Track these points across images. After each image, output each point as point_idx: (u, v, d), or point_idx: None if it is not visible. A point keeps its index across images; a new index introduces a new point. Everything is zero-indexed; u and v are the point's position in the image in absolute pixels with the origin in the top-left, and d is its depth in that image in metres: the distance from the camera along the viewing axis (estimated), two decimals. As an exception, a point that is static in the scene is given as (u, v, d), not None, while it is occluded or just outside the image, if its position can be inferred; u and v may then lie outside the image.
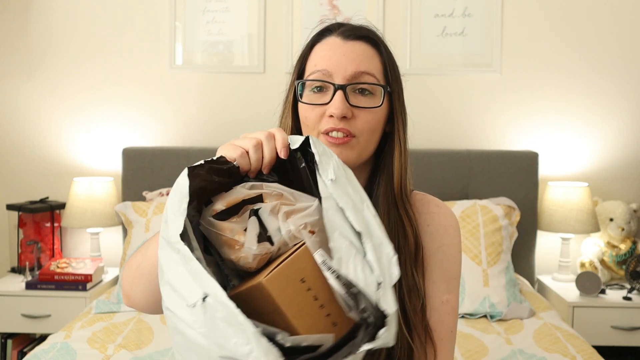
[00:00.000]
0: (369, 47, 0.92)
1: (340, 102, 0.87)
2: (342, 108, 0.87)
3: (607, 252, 2.50)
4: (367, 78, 0.90)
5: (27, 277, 2.35)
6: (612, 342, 2.22)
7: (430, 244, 0.95)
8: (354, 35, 0.92)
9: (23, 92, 2.64)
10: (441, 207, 0.99)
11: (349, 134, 0.89)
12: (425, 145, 2.59)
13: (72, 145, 2.65)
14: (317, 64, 0.91)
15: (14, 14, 2.62)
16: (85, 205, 2.42)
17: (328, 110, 0.89)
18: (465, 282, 2.03)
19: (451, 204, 2.23)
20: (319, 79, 0.90)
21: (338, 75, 0.89)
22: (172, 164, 2.47)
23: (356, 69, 0.89)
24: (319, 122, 0.90)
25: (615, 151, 2.60)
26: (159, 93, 2.63)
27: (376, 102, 0.91)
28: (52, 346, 1.68)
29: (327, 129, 0.89)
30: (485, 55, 2.58)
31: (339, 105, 0.87)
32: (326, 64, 0.90)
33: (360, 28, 0.94)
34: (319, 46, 0.93)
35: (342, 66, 0.89)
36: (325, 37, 0.93)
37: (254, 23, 2.59)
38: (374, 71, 0.91)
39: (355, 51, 0.90)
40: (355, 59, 0.90)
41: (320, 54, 0.92)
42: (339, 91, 0.88)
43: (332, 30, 0.93)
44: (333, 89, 0.89)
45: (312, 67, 0.91)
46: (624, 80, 2.58)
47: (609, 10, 2.56)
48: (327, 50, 0.91)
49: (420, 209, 0.97)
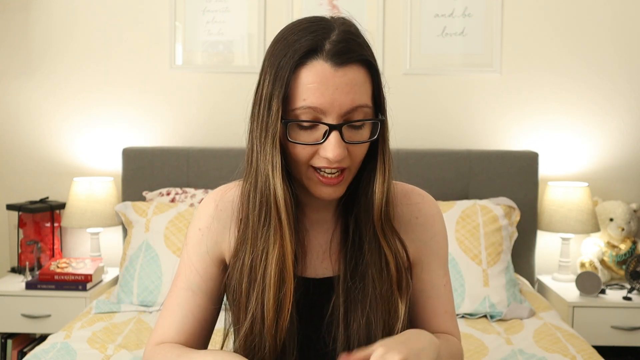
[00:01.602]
0: (361, 71, 0.83)
1: (337, 146, 0.80)
2: (339, 152, 0.80)
3: (607, 252, 2.50)
4: (362, 112, 0.82)
5: (27, 277, 2.35)
6: (612, 342, 2.22)
7: (423, 236, 0.98)
8: (346, 60, 0.81)
9: (23, 92, 2.65)
10: (424, 196, 1.01)
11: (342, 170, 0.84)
12: (425, 145, 2.59)
13: (72, 145, 2.65)
14: (307, 99, 0.80)
15: (14, 13, 2.62)
16: (85, 205, 2.42)
17: (323, 152, 0.81)
18: (465, 282, 2.03)
19: (451, 204, 2.23)
20: (311, 120, 0.81)
21: (332, 113, 0.80)
22: (172, 164, 2.47)
23: (351, 105, 0.81)
24: (310, 159, 0.84)
25: (615, 151, 2.60)
26: (159, 93, 2.63)
27: (368, 133, 0.85)
28: (52, 346, 1.67)
29: (321, 167, 0.83)
30: (485, 55, 2.58)
31: (336, 150, 0.80)
32: (318, 101, 0.80)
33: (350, 47, 0.82)
34: (306, 73, 0.80)
35: (336, 103, 0.80)
36: (310, 60, 0.80)
37: (254, 23, 2.59)
38: (367, 101, 0.83)
39: (349, 82, 0.80)
40: (349, 92, 0.80)
41: (308, 86, 0.80)
42: (335, 132, 0.80)
43: (319, 51, 0.80)
44: (327, 128, 0.81)
45: (300, 101, 0.80)
46: (623, 80, 2.58)
47: (609, 10, 2.56)
48: (317, 82, 0.79)
49: (403, 201, 0.97)
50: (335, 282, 0.92)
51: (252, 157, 0.87)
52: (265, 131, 0.83)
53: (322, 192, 0.86)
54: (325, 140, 0.81)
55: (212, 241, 0.96)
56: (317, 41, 0.81)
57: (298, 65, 0.81)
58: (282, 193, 0.84)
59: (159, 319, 0.97)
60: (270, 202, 0.85)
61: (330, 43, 0.81)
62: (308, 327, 0.92)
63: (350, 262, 0.91)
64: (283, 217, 0.85)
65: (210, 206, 0.97)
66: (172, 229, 2.15)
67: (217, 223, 0.96)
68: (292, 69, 0.81)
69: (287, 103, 0.82)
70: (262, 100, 0.84)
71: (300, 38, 0.82)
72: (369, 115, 0.84)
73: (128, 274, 2.12)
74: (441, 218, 1.01)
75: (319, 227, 0.96)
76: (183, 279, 0.96)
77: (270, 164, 0.83)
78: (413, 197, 0.99)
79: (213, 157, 2.44)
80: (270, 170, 0.84)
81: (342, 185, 0.86)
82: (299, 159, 0.84)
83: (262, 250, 0.87)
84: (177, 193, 2.38)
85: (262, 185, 0.86)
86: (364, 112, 0.83)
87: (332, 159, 0.81)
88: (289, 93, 0.81)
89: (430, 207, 1.00)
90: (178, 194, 2.37)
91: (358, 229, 0.91)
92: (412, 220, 0.97)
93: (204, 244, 0.96)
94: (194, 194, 2.36)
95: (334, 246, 0.95)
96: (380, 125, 0.86)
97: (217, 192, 0.99)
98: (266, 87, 0.84)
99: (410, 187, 1.01)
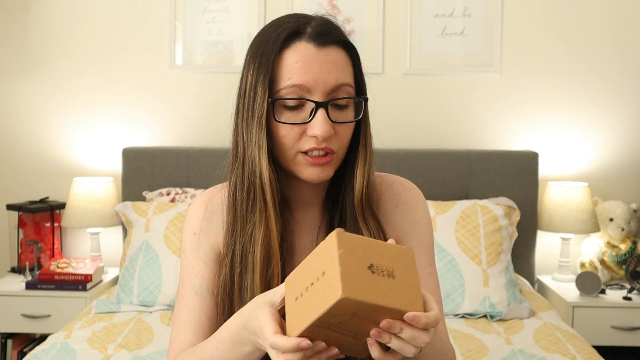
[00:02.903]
0: (342, 52, 0.86)
1: (324, 123, 0.82)
2: (327, 129, 0.82)
3: (607, 252, 2.50)
4: (346, 90, 0.85)
5: (27, 277, 2.36)
6: (612, 342, 2.22)
7: (403, 223, 0.97)
8: (327, 40, 0.84)
9: (23, 92, 2.65)
10: (405, 184, 1.00)
11: (330, 151, 0.85)
12: (425, 145, 2.59)
13: (72, 145, 2.65)
14: (292, 78, 0.82)
15: (14, 13, 2.62)
16: (85, 205, 2.42)
17: (310, 131, 0.83)
18: (465, 282, 2.03)
19: (451, 204, 2.23)
20: (297, 97, 0.83)
21: (317, 91, 0.82)
22: (172, 164, 2.47)
23: (336, 82, 0.83)
24: (298, 141, 0.85)
25: (615, 151, 2.60)
26: (159, 93, 2.63)
27: (353, 114, 0.87)
28: (52, 346, 1.67)
29: (309, 149, 0.84)
30: (485, 55, 2.58)
31: (323, 127, 0.82)
32: (303, 79, 0.82)
33: (331, 29, 0.86)
34: (290, 54, 0.83)
35: (320, 80, 0.82)
36: (294, 41, 0.84)
37: (254, 23, 2.59)
38: (350, 80, 0.86)
39: (332, 61, 0.83)
40: (333, 70, 0.83)
41: (293, 65, 0.82)
42: (321, 109, 0.82)
43: (301, 33, 0.84)
44: (314, 107, 0.83)
45: (286, 80, 0.83)
46: (623, 80, 2.58)
47: (609, 10, 2.56)
48: (301, 60, 0.82)
49: (385, 192, 0.97)
50: None
51: (238, 148, 0.89)
52: (252, 115, 0.85)
53: (311, 174, 0.86)
54: (312, 118, 0.83)
55: (207, 243, 0.96)
56: (299, 26, 0.85)
57: (282, 48, 0.84)
58: (268, 173, 0.85)
59: (172, 331, 0.96)
60: (256, 183, 0.86)
61: (311, 27, 0.85)
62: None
63: None
64: (268, 197, 0.86)
65: (200, 209, 0.98)
66: (172, 229, 2.15)
67: (209, 224, 0.96)
68: (276, 52, 0.83)
69: (272, 85, 0.84)
70: (247, 90, 0.87)
71: (281, 26, 0.85)
72: (352, 95, 0.86)
73: (128, 274, 2.12)
74: (423, 206, 0.99)
75: (305, 227, 0.96)
76: (188, 286, 0.96)
77: (257, 145, 0.85)
78: (395, 187, 0.99)
79: (213, 157, 2.44)
80: (256, 152, 0.85)
81: (330, 166, 0.87)
82: (287, 142, 0.85)
83: (250, 234, 0.88)
84: (177, 193, 2.38)
85: (248, 169, 0.87)
86: (347, 91, 0.85)
87: (320, 135, 0.82)
88: (273, 76, 0.83)
89: (411, 194, 0.99)
90: (178, 194, 2.37)
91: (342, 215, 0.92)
92: (393, 209, 0.97)
93: (201, 246, 0.96)
94: (194, 194, 2.36)
95: (320, 235, 0.95)
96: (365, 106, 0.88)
97: (205, 194, 1.00)
98: (250, 77, 0.86)
99: (394, 178, 1.00)
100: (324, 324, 0.66)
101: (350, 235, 0.69)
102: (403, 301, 0.66)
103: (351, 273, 0.65)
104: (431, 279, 0.98)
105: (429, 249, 0.99)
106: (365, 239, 0.70)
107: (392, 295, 0.66)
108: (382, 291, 0.65)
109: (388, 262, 0.68)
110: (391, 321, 0.66)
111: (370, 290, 0.65)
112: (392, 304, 0.65)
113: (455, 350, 1.68)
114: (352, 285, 0.64)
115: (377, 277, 0.66)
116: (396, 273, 0.68)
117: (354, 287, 0.64)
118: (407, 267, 0.69)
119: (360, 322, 0.67)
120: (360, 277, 0.65)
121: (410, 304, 0.66)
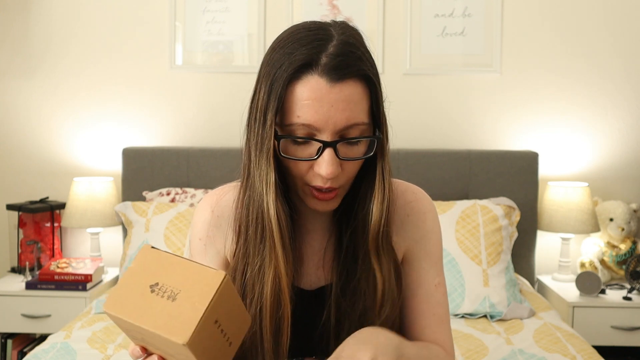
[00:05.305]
0: (358, 86, 0.79)
1: (330, 164, 0.78)
2: (333, 170, 0.78)
3: (607, 252, 2.50)
4: (358, 129, 0.80)
5: (27, 277, 2.35)
6: (612, 342, 2.22)
7: (413, 233, 0.95)
8: (343, 76, 0.77)
9: (23, 92, 2.65)
10: (417, 194, 0.97)
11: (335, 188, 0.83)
12: (425, 145, 2.59)
13: (72, 145, 2.65)
14: (301, 116, 0.77)
15: (14, 13, 2.62)
16: (85, 205, 2.42)
17: (317, 169, 0.80)
18: (465, 282, 2.03)
19: (451, 204, 2.23)
20: (305, 137, 0.79)
21: (326, 131, 0.78)
22: (172, 164, 2.47)
23: (347, 122, 0.78)
24: (305, 174, 0.82)
25: (615, 151, 2.60)
26: (159, 93, 2.63)
27: (364, 149, 0.83)
28: (52, 346, 1.67)
29: (315, 185, 0.82)
30: (485, 55, 2.58)
31: (330, 168, 0.78)
32: (312, 119, 0.77)
33: (348, 61, 0.78)
34: (300, 88, 0.77)
35: (331, 120, 0.77)
36: (306, 74, 0.77)
37: (254, 23, 2.59)
38: (364, 117, 0.80)
39: (345, 99, 0.77)
40: (345, 109, 0.77)
41: (302, 102, 0.77)
42: (329, 149, 0.78)
43: (314, 66, 0.77)
44: (321, 145, 0.78)
45: (294, 117, 0.78)
46: (623, 80, 2.58)
47: (609, 10, 2.56)
48: (312, 98, 0.77)
49: (396, 202, 0.94)
50: (327, 291, 0.90)
51: (250, 167, 0.85)
52: (261, 145, 0.81)
53: (316, 206, 0.85)
54: (318, 156, 0.79)
55: (214, 249, 0.95)
56: (314, 54, 0.77)
57: (292, 80, 0.78)
58: (275, 212, 0.82)
59: None
60: (264, 220, 0.84)
61: (327, 56, 0.77)
62: (301, 338, 0.90)
63: (342, 273, 0.89)
64: (276, 237, 0.83)
65: (206, 213, 0.96)
66: (172, 229, 2.15)
67: (215, 229, 0.95)
68: (286, 83, 0.78)
69: (282, 117, 0.80)
70: (257, 111, 0.82)
71: (296, 49, 0.78)
72: (365, 132, 0.81)
73: (128, 274, 2.11)
74: (434, 216, 0.98)
75: (315, 235, 0.95)
76: None
77: (265, 181, 0.82)
78: (407, 195, 0.96)
79: (213, 157, 2.44)
80: (264, 188, 0.82)
81: (335, 200, 0.85)
82: (294, 173, 0.83)
83: (259, 268, 0.86)
84: (177, 193, 2.38)
85: (256, 201, 0.85)
86: (360, 129, 0.80)
87: (325, 176, 0.79)
88: (283, 107, 0.79)
89: (422, 204, 0.97)
90: (178, 194, 2.37)
91: (353, 242, 0.89)
92: (404, 218, 0.95)
93: (207, 253, 0.95)
94: (194, 194, 2.36)
95: (328, 254, 0.93)
96: (378, 142, 0.83)
97: (212, 196, 0.97)
98: (261, 99, 0.81)
99: (405, 186, 0.98)
100: (129, 333, 0.68)
101: (154, 251, 0.68)
102: (168, 326, 0.62)
103: (125, 288, 0.65)
104: (439, 289, 0.96)
105: (437, 259, 0.97)
106: (170, 256, 0.68)
107: (156, 317, 0.63)
108: (148, 311, 0.63)
109: (178, 284, 0.65)
110: (142, 347, 0.69)
111: (134, 308, 0.64)
112: (148, 324, 0.63)
113: (455, 350, 1.68)
114: (114, 301, 0.65)
115: (154, 296, 0.64)
116: (180, 297, 0.64)
117: (117, 302, 0.64)
118: (202, 293, 0.64)
119: (159, 341, 0.65)
120: (132, 293, 0.65)
121: (174, 330, 0.62)
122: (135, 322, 0.63)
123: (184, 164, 2.47)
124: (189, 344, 0.61)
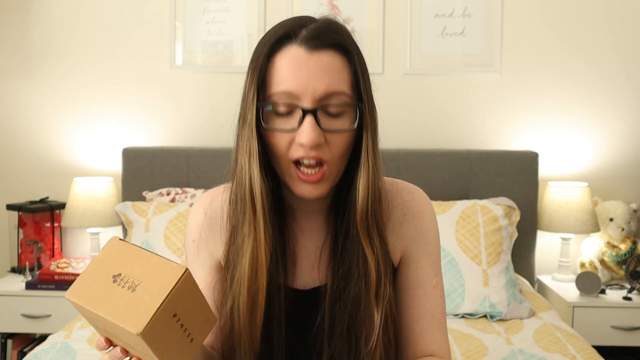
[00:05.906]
0: (337, 56, 0.80)
1: (311, 130, 0.77)
2: (314, 137, 0.77)
3: (607, 252, 2.50)
4: (339, 98, 0.79)
5: (27, 277, 2.36)
6: (612, 342, 2.22)
7: (411, 232, 0.94)
8: (320, 44, 0.79)
9: (23, 92, 2.65)
10: (414, 193, 0.96)
11: (321, 161, 0.80)
12: (425, 145, 2.59)
13: (72, 145, 2.65)
14: (280, 84, 0.78)
15: (14, 14, 2.62)
16: (85, 205, 2.42)
17: (298, 138, 0.79)
18: (465, 282, 2.03)
19: (451, 204, 2.23)
20: (284, 103, 0.79)
21: (306, 97, 0.78)
22: (172, 164, 2.47)
23: (326, 89, 0.78)
24: (288, 150, 0.81)
25: (615, 151, 2.60)
26: (159, 93, 2.63)
27: (349, 123, 0.81)
28: (52, 346, 1.68)
29: (298, 157, 0.80)
30: (485, 55, 2.58)
31: (310, 134, 0.77)
32: (291, 85, 0.78)
33: (327, 32, 0.81)
34: (280, 58, 0.80)
35: (310, 86, 0.78)
36: (285, 45, 0.80)
37: (254, 23, 2.59)
38: (345, 87, 0.80)
39: (324, 66, 0.78)
40: (324, 76, 0.78)
41: (282, 71, 0.79)
42: (309, 116, 0.78)
43: (293, 36, 0.80)
44: (301, 113, 0.78)
45: (275, 87, 0.79)
46: (623, 80, 2.58)
47: (609, 10, 2.56)
48: (290, 66, 0.78)
49: (393, 201, 0.93)
50: (322, 292, 0.89)
51: (236, 156, 0.86)
52: (244, 120, 0.82)
53: (303, 190, 0.82)
54: (300, 125, 0.78)
55: (207, 251, 0.94)
56: (293, 28, 0.81)
57: (273, 51, 0.80)
58: (258, 180, 0.81)
59: None
60: (245, 192, 0.82)
61: (307, 30, 0.81)
62: (297, 338, 0.90)
63: (337, 272, 0.88)
64: (258, 205, 0.82)
65: (199, 215, 0.95)
66: (172, 229, 2.15)
67: (208, 231, 0.94)
68: (267, 56, 0.80)
69: (264, 90, 0.80)
70: (244, 95, 0.83)
71: (276, 29, 0.83)
72: (347, 103, 0.80)
73: (128, 274, 2.11)
74: (431, 215, 0.96)
75: (309, 234, 0.93)
76: None
77: (247, 151, 0.82)
78: (403, 195, 0.94)
79: (213, 157, 2.44)
80: (247, 158, 0.82)
81: (323, 182, 0.82)
82: (278, 149, 0.81)
83: (240, 247, 0.85)
84: (177, 193, 2.38)
85: (239, 176, 0.84)
86: (340, 99, 0.80)
87: (306, 143, 0.77)
88: (265, 80, 0.80)
89: (419, 203, 0.95)
90: (178, 194, 2.37)
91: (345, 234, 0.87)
92: (400, 218, 0.93)
93: (200, 254, 0.94)
94: (194, 194, 2.36)
95: (324, 255, 0.92)
96: (362, 114, 0.81)
97: (205, 198, 0.97)
98: (246, 80, 0.83)
99: (403, 185, 0.96)
100: (92, 322, 0.69)
101: (121, 243, 0.70)
102: (124, 316, 0.64)
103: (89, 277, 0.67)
104: (436, 290, 0.94)
105: (435, 259, 0.95)
106: (136, 249, 0.69)
107: (114, 306, 0.65)
108: (108, 300, 0.65)
109: (139, 276, 0.67)
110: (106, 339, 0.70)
111: (95, 296, 0.66)
112: (106, 313, 0.64)
113: (455, 350, 1.68)
114: (77, 289, 0.67)
115: (115, 286, 0.66)
116: (140, 288, 0.66)
117: (79, 290, 0.66)
118: (161, 285, 0.65)
119: (118, 332, 0.66)
120: (95, 282, 0.67)
121: (130, 319, 0.63)
122: (94, 309, 0.65)
123: (184, 164, 2.47)
124: (143, 334, 0.63)
